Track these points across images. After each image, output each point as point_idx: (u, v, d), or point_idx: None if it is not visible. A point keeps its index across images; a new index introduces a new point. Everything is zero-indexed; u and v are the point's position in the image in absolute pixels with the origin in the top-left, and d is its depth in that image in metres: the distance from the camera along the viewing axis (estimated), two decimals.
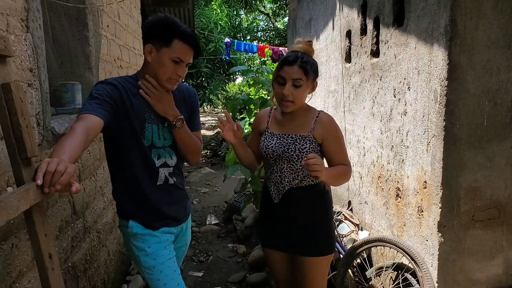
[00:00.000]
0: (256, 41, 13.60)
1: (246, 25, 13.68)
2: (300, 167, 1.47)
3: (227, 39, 9.56)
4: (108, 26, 2.51)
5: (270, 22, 15.57)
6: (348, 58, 2.94)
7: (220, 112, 17.46)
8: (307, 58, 1.45)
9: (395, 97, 2.06)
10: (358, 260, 2.21)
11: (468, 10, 1.52)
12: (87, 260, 1.93)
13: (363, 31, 2.59)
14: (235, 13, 12.85)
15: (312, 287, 1.53)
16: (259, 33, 14.90)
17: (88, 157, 2.05)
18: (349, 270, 2.16)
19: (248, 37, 13.36)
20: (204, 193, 5.26)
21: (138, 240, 1.38)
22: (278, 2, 13.79)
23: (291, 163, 1.48)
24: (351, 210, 2.86)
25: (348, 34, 2.91)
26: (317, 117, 1.50)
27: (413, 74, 1.85)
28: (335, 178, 1.50)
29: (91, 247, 2.02)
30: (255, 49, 9.20)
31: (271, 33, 14.72)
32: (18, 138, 0.96)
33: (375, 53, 2.38)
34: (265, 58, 9.13)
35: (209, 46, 10.36)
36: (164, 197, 1.42)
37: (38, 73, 1.39)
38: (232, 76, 12.63)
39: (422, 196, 1.79)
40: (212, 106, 16.52)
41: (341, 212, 2.68)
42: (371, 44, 2.40)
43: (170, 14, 2.79)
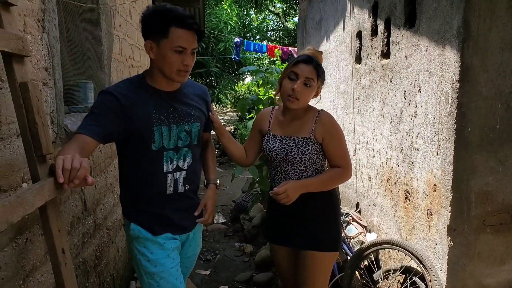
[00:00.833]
0: (266, 41, 13.58)
1: (256, 25, 13.67)
2: (304, 168, 1.49)
3: (237, 39, 9.57)
4: (120, 26, 2.54)
5: (280, 22, 15.54)
6: (358, 59, 2.93)
7: (229, 112, 17.50)
8: (320, 63, 1.49)
9: (406, 99, 2.04)
10: (366, 262, 2.20)
11: (482, 12, 1.50)
12: (97, 256, 1.96)
13: (374, 32, 2.57)
14: (245, 13, 12.85)
15: (313, 283, 1.53)
16: (269, 33, 14.88)
17: (100, 155, 2.08)
18: (356, 272, 2.15)
19: (258, 37, 13.35)
20: None
21: (140, 244, 1.34)
22: (288, 2, 13.75)
23: (295, 165, 1.50)
24: (359, 212, 2.85)
25: (359, 35, 2.89)
26: (317, 117, 1.50)
27: (424, 76, 1.83)
28: (323, 185, 1.50)
29: (101, 243, 2.05)
30: (265, 49, 9.19)
31: (281, 33, 14.69)
32: (34, 136, 0.99)
33: (386, 54, 2.36)
34: (275, 58, 9.12)
35: (219, 46, 10.38)
36: (171, 204, 1.37)
37: (53, 72, 1.42)
38: (241, 76, 12.64)
39: (432, 199, 1.77)
40: (221, 106, 16.56)
41: (349, 214, 2.67)
42: (382, 45, 2.39)
43: None
